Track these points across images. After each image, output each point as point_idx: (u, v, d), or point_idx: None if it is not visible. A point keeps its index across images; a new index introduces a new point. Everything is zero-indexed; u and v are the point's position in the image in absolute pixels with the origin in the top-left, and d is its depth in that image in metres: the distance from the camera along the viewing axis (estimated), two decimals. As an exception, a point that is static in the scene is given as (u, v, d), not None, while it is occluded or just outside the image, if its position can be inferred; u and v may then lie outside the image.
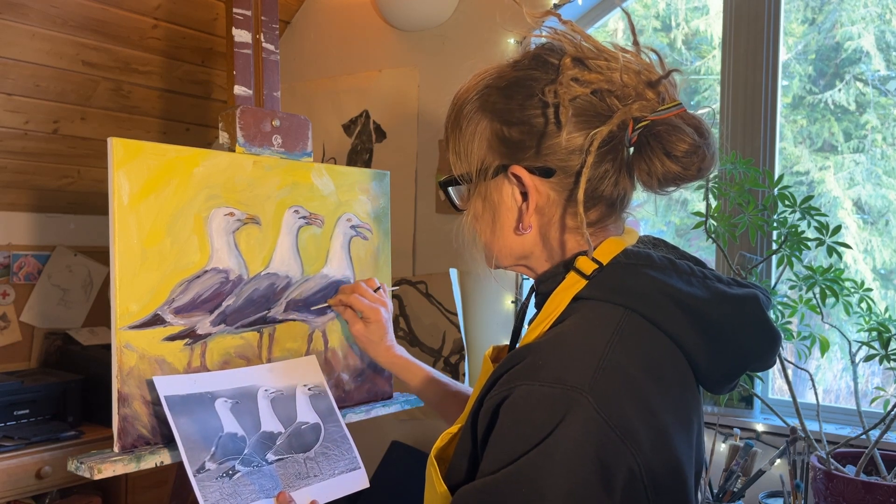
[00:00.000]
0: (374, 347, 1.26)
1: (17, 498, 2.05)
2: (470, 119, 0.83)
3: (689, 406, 0.79)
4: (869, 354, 1.41)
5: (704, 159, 0.76)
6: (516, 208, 0.82)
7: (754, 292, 0.80)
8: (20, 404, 2.11)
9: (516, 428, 0.69)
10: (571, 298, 0.78)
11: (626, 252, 0.79)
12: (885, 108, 1.80)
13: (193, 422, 1.05)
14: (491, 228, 0.84)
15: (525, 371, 0.71)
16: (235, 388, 1.13)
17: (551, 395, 0.68)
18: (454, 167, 0.86)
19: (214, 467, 1.03)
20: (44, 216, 2.48)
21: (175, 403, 1.05)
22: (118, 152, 1.06)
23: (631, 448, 0.68)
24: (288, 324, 1.28)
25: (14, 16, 1.84)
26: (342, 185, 1.37)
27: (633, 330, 0.74)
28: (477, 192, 0.84)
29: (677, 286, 0.76)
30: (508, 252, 0.85)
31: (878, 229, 1.86)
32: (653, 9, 2.14)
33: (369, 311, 1.25)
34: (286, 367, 1.23)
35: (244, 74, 1.34)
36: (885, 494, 1.30)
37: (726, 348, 0.79)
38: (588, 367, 0.70)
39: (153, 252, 1.10)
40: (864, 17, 1.83)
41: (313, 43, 2.43)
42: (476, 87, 0.84)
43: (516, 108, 0.80)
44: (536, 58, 0.82)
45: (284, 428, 1.15)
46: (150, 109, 2.32)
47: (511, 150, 0.80)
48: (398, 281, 2.16)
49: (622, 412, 0.68)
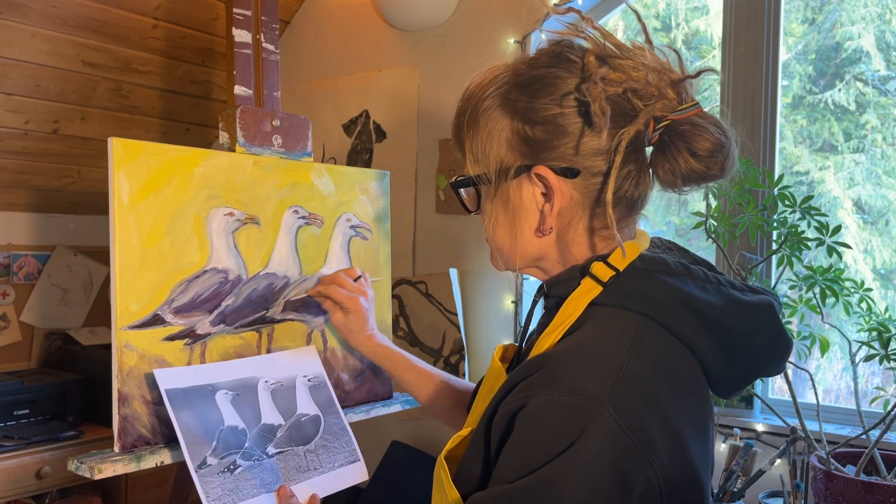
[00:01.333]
0: (355, 337, 1.25)
1: (17, 498, 2.05)
2: (488, 117, 0.81)
3: (705, 413, 0.79)
4: (869, 354, 1.41)
5: (728, 158, 0.76)
6: (537, 210, 0.80)
7: (768, 299, 0.80)
8: (20, 404, 2.10)
9: (535, 438, 0.68)
10: (587, 305, 0.78)
11: (643, 257, 0.79)
12: (885, 108, 1.80)
13: (194, 416, 1.04)
14: (509, 230, 0.83)
15: (543, 380, 0.70)
16: (236, 379, 1.12)
17: (571, 405, 0.67)
18: (470, 167, 0.84)
19: (216, 462, 1.02)
20: (44, 216, 2.48)
21: (176, 397, 1.04)
22: (118, 152, 1.06)
23: (649, 457, 0.68)
24: (286, 324, 1.28)
25: (14, 16, 1.84)
26: (342, 185, 1.37)
27: (650, 338, 0.74)
28: (497, 193, 0.82)
29: (693, 293, 0.76)
30: (524, 254, 0.83)
31: (878, 229, 1.86)
32: (653, 9, 2.14)
33: (349, 301, 1.23)
34: (286, 358, 1.23)
35: (244, 74, 1.34)
36: (885, 494, 1.30)
37: (740, 356, 0.79)
38: (607, 377, 0.69)
39: (153, 252, 1.10)
40: (864, 17, 1.83)
41: (313, 43, 2.43)
42: (493, 84, 0.82)
43: (541, 106, 0.78)
44: (557, 55, 0.80)
45: (285, 420, 1.14)
46: (150, 109, 2.32)
47: (534, 150, 0.79)
48: (398, 281, 2.16)
49: (641, 422, 0.68)
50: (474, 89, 0.83)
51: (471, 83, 0.84)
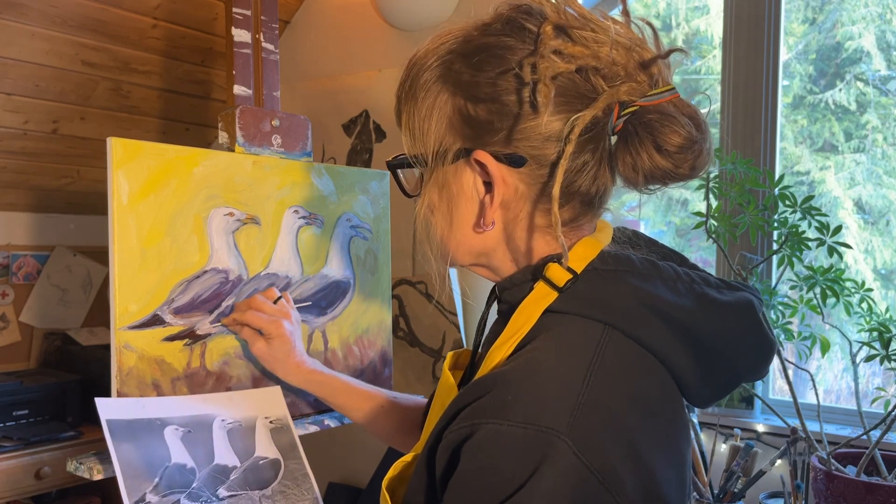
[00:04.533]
0: (282, 366, 1.12)
1: (17, 498, 2.04)
2: (428, 90, 0.71)
3: (679, 436, 0.70)
4: (870, 355, 1.41)
5: (699, 156, 0.65)
6: (477, 200, 0.70)
7: (747, 297, 0.71)
8: (19, 404, 2.10)
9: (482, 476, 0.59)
10: (541, 312, 0.68)
11: (603, 256, 0.69)
12: (886, 107, 1.80)
13: (137, 449, 0.95)
14: (447, 221, 0.72)
15: (492, 407, 0.60)
16: (189, 416, 1.03)
17: (523, 437, 0.58)
18: (407, 146, 0.74)
19: (156, 500, 0.93)
20: (43, 216, 2.47)
21: (119, 428, 0.95)
22: (117, 152, 1.06)
23: (615, 497, 0.59)
24: (288, 324, 1.28)
25: (14, 15, 1.83)
26: (342, 185, 1.37)
27: (614, 353, 0.65)
28: (433, 177, 0.71)
29: (662, 296, 0.66)
30: (466, 249, 0.73)
31: (878, 229, 1.86)
32: (653, 8, 2.14)
33: (269, 326, 1.11)
34: (248, 398, 1.13)
35: (244, 74, 1.34)
36: (886, 495, 1.30)
37: (718, 365, 0.70)
38: (565, 403, 0.60)
39: (152, 252, 1.10)
40: (865, 16, 1.82)
41: (313, 43, 2.43)
42: (437, 52, 0.71)
43: (485, 81, 0.67)
44: (511, 21, 0.69)
45: (241, 462, 1.04)
46: (150, 109, 2.31)
47: (476, 131, 0.68)
48: (398, 281, 2.16)
49: (604, 455, 0.59)
50: (418, 58, 0.73)
51: (418, 49, 0.74)
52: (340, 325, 1.36)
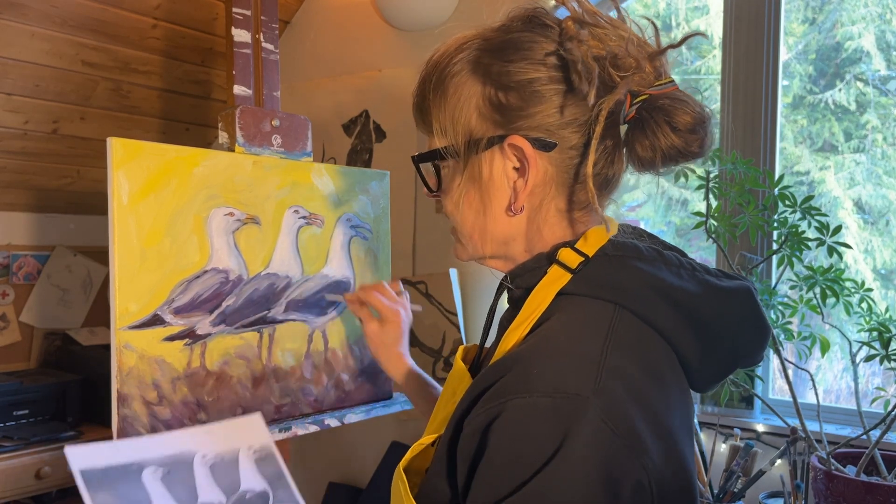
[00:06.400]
0: (387, 351, 1.15)
1: (17, 498, 2.04)
2: (458, 83, 0.74)
3: (688, 407, 0.74)
4: (869, 354, 1.41)
5: (707, 135, 0.71)
6: (508, 186, 0.74)
7: (745, 284, 0.75)
8: (20, 404, 2.10)
9: (515, 451, 0.61)
10: (555, 295, 0.72)
11: (613, 243, 0.73)
12: (886, 107, 1.80)
13: (115, 497, 0.89)
14: (478, 209, 0.75)
15: (515, 383, 0.63)
16: (167, 455, 0.97)
17: (551, 406, 0.60)
18: (436, 140, 0.76)
19: None
20: (43, 216, 2.47)
21: (94, 478, 0.90)
22: (118, 152, 1.06)
23: (641, 460, 0.62)
24: (288, 324, 1.28)
25: (14, 16, 1.83)
26: (342, 185, 1.37)
27: (626, 329, 0.69)
28: (466, 167, 0.75)
29: (668, 280, 0.71)
30: (493, 237, 0.76)
31: (878, 229, 1.86)
32: (653, 8, 2.14)
33: (388, 312, 1.15)
34: (227, 428, 1.07)
35: (244, 74, 1.34)
36: (886, 495, 1.30)
37: (718, 345, 0.74)
38: (588, 371, 0.63)
39: (153, 252, 1.10)
40: (865, 16, 1.82)
41: (313, 43, 2.43)
42: (461, 49, 0.75)
43: (516, 70, 0.72)
44: (531, 20, 0.74)
45: (227, 498, 0.99)
46: (150, 109, 2.31)
47: (507, 118, 0.72)
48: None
49: (629, 420, 0.62)
50: (440, 56, 0.76)
51: (435, 52, 0.77)
52: (341, 325, 1.36)
